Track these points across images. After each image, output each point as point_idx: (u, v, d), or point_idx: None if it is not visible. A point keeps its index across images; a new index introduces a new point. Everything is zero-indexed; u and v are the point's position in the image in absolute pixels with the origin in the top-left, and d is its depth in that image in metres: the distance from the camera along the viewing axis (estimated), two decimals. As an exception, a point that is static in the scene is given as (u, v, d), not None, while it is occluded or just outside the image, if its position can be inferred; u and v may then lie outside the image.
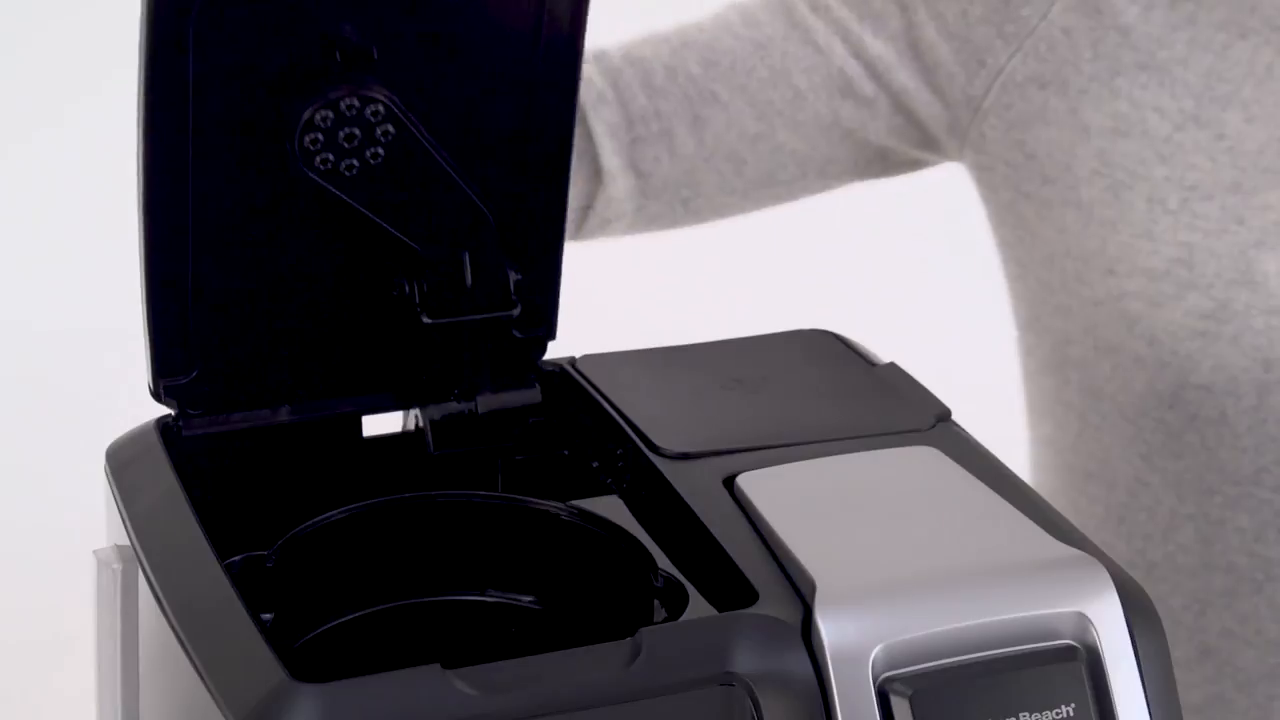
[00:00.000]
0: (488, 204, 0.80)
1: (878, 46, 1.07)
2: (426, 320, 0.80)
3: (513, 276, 0.81)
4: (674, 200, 1.10)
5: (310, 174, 0.76)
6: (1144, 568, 1.06)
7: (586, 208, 1.09)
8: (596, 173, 1.08)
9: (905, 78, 1.07)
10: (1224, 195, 1.00)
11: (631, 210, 1.09)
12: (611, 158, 1.07)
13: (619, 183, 1.08)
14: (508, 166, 0.81)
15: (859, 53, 1.07)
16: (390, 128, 0.76)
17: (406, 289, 0.80)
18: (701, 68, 1.08)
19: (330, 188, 0.77)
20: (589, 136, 1.07)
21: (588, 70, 1.07)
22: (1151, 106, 1.02)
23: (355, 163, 0.77)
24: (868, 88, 1.07)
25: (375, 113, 0.76)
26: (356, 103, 0.75)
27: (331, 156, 0.76)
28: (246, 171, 0.77)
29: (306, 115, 0.75)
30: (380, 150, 0.76)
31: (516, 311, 0.81)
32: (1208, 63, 1.01)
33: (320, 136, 0.75)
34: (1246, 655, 1.04)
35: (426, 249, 0.79)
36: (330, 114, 0.75)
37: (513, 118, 0.80)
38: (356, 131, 0.76)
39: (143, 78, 0.73)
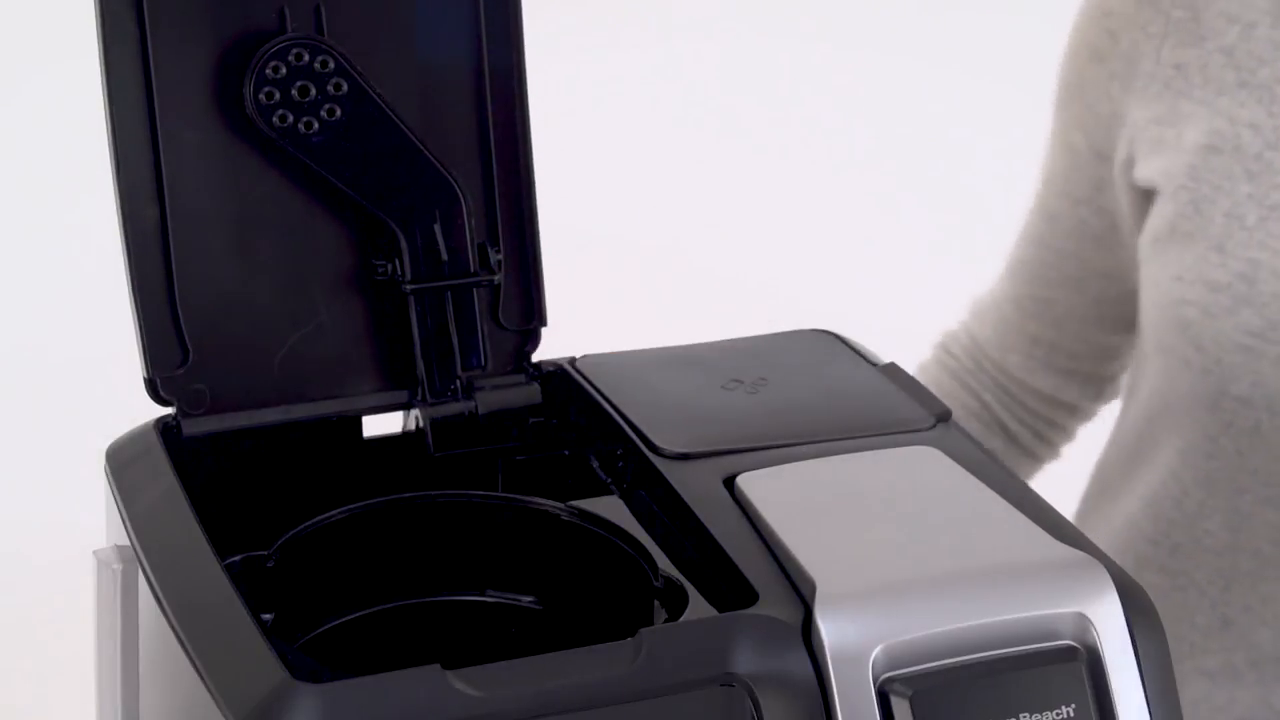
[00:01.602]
0: (451, 174, 0.81)
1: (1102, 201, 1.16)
2: (407, 288, 0.81)
3: (493, 255, 0.82)
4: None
5: (269, 132, 0.78)
6: (1168, 547, 1.08)
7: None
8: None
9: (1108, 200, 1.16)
10: None
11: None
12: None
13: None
14: (467, 136, 0.82)
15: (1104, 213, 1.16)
16: (342, 82, 0.79)
17: (389, 268, 0.81)
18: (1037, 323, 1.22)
19: (290, 147, 0.79)
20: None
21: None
22: (1247, 124, 1.03)
23: (314, 122, 0.79)
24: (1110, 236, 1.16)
25: (324, 63, 0.79)
26: (306, 54, 0.79)
27: (289, 114, 0.79)
28: (215, 145, 0.79)
29: (256, 63, 0.78)
30: (336, 108, 0.79)
31: (498, 279, 0.82)
32: None
33: (275, 91, 0.78)
34: (1262, 633, 1.05)
35: (394, 216, 0.80)
36: (281, 65, 0.78)
37: (463, 84, 0.82)
38: (310, 86, 0.79)
39: (102, 59, 0.77)
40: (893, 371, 0.84)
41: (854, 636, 0.65)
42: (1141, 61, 1.08)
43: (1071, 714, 0.65)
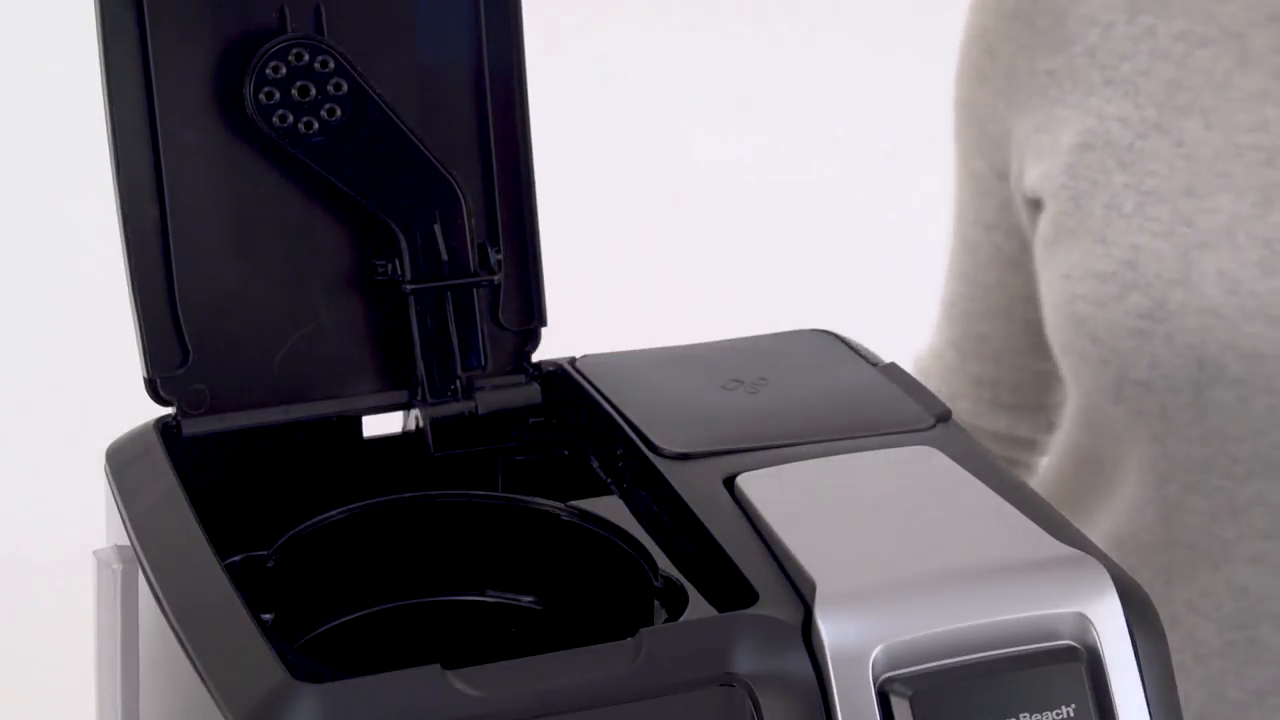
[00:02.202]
0: (451, 174, 0.81)
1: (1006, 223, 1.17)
2: (407, 288, 0.81)
3: (493, 255, 0.82)
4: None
5: (269, 132, 0.78)
6: (1115, 543, 1.09)
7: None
8: None
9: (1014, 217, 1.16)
10: (1177, 199, 1.03)
11: None
12: None
13: None
14: (467, 137, 0.83)
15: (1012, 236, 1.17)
16: (342, 82, 0.79)
17: (389, 268, 0.81)
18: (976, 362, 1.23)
19: (290, 147, 0.79)
20: None
21: None
22: (1116, 118, 1.06)
23: (314, 122, 0.79)
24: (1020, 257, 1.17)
25: (324, 63, 0.79)
26: (306, 54, 0.78)
27: (289, 114, 0.79)
28: (215, 145, 0.79)
29: (256, 63, 0.78)
30: (336, 108, 0.79)
31: (498, 279, 0.82)
32: (1169, 73, 1.05)
33: (275, 91, 0.78)
34: (1206, 629, 1.06)
35: (394, 216, 0.80)
36: (281, 66, 0.78)
37: (463, 84, 0.82)
38: (310, 86, 0.79)
39: (102, 59, 0.77)
40: (893, 371, 0.84)
41: (854, 636, 0.65)
42: (1018, 74, 1.11)
43: (1071, 714, 0.65)
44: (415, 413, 0.84)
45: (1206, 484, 1.04)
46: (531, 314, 0.84)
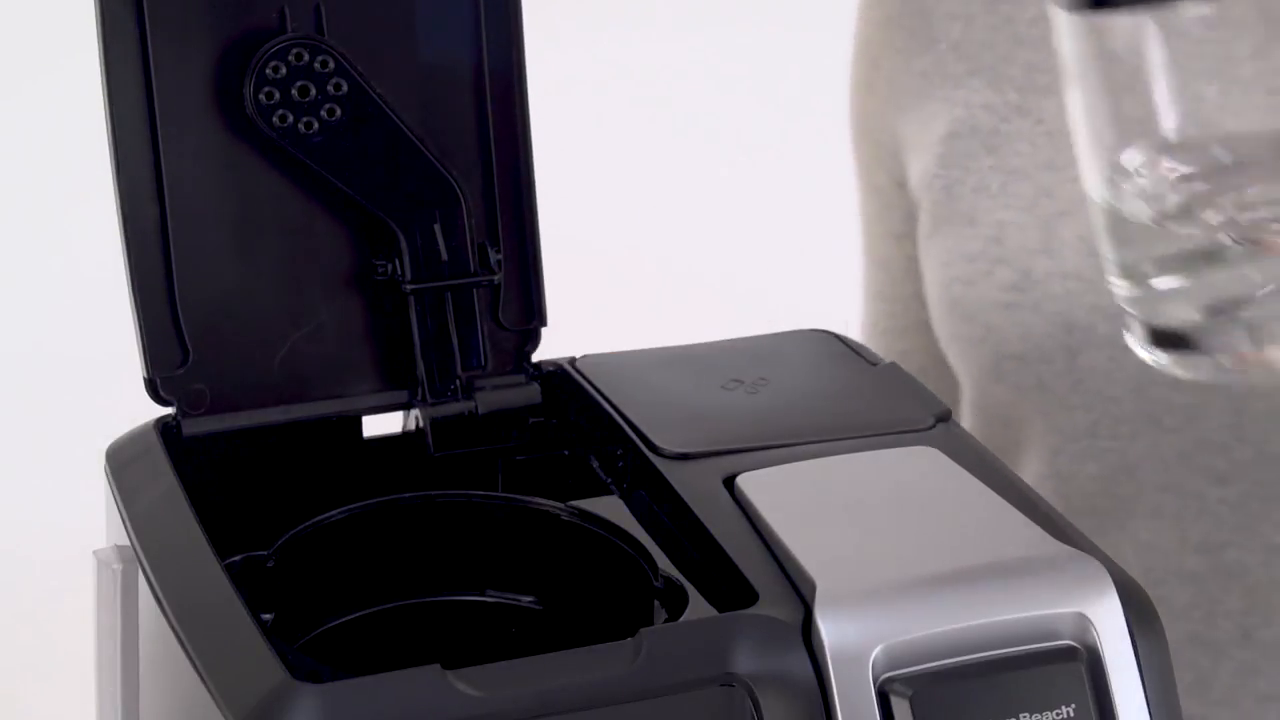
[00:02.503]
0: (451, 174, 0.81)
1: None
2: (407, 288, 0.81)
3: (493, 255, 0.82)
4: None
5: (269, 132, 0.78)
6: None
7: None
8: None
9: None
10: (1039, 174, 1.05)
11: None
12: None
13: None
14: (467, 136, 0.82)
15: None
16: (342, 82, 0.79)
17: (389, 268, 0.81)
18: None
19: (290, 147, 0.79)
20: None
21: None
22: (981, 105, 1.09)
23: (314, 122, 0.79)
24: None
25: (324, 63, 0.79)
26: (306, 54, 0.78)
27: (289, 114, 0.79)
28: (215, 145, 0.79)
29: (256, 63, 0.78)
30: (336, 108, 0.79)
31: (498, 279, 0.82)
32: (1027, 57, 1.08)
33: (275, 91, 0.78)
34: None
35: (394, 216, 0.81)
36: (281, 66, 0.78)
37: (463, 84, 0.82)
38: (310, 86, 0.79)
39: (102, 59, 0.77)
40: (893, 371, 0.84)
41: (854, 636, 0.65)
42: (898, 78, 1.13)
43: (1071, 714, 0.65)
44: (415, 413, 0.84)
45: (1095, 448, 1.04)
46: (531, 314, 0.84)
